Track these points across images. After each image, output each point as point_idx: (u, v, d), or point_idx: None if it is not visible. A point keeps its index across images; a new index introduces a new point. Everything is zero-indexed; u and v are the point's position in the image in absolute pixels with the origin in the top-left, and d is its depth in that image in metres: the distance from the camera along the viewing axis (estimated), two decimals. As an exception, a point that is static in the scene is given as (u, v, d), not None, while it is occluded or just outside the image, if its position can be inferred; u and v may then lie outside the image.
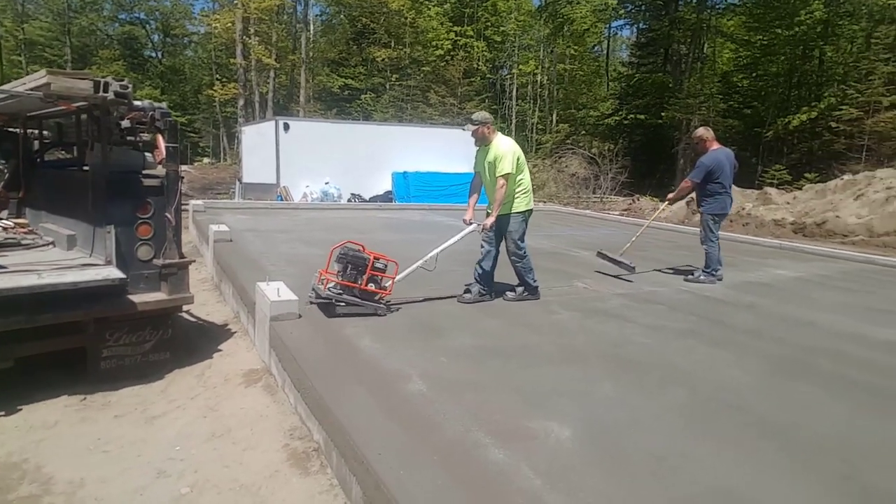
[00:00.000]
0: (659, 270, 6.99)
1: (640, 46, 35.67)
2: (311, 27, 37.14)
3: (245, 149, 19.49)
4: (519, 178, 4.87)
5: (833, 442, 2.70)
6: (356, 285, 4.28)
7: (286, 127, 15.89)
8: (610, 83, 38.91)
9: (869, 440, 2.74)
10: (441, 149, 18.11)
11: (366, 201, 16.36)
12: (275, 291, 4.15)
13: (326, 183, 15.96)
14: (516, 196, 4.88)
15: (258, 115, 31.33)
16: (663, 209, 8.47)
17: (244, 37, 30.69)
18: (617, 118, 31.83)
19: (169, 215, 3.95)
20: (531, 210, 5.03)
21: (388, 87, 32.16)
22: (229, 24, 30.24)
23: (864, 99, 20.74)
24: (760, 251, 9.45)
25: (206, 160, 39.79)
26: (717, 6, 32.33)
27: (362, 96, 31.67)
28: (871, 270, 7.95)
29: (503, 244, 5.04)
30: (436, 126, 23.94)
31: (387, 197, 16.84)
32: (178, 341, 4.16)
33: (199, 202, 11.76)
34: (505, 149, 4.78)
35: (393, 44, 32.85)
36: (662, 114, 28.46)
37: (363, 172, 16.72)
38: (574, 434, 2.64)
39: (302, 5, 35.48)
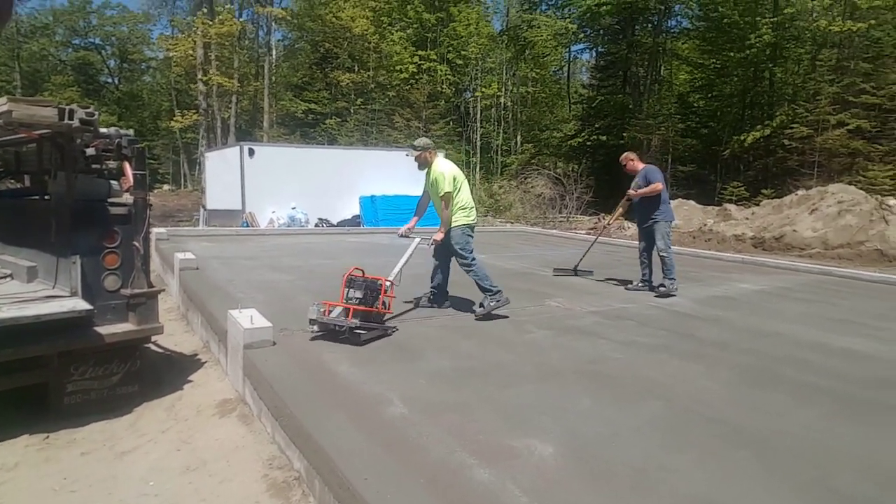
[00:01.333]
0: (626, 286, 7.13)
1: (600, 69, 36.79)
2: (274, 52, 37.12)
3: (209, 175, 19.16)
4: (457, 195, 5.23)
5: (804, 448, 2.80)
6: (374, 310, 4.38)
7: (251, 152, 15.74)
8: (572, 105, 39.95)
9: (836, 445, 2.85)
10: (408, 172, 18.00)
11: (333, 226, 16.25)
12: (248, 319, 4.07)
13: (293, 208, 15.81)
14: (455, 212, 5.23)
15: (220, 140, 30.95)
16: (619, 214, 8.25)
17: (204, 63, 30.45)
18: (580, 139, 32.63)
19: (137, 244, 3.87)
20: (472, 224, 5.35)
21: (352, 111, 32.24)
22: (189, 51, 29.98)
23: (812, 117, 21.83)
24: (723, 266, 9.77)
25: (166, 187, 38.94)
26: (672, 30, 33.82)
27: (327, 121, 31.62)
28: (828, 282, 8.31)
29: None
30: (402, 149, 24.08)
31: (355, 221, 16.78)
32: (146, 373, 4.03)
33: (163, 230, 11.49)
34: (441, 170, 5.19)
35: (356, 68, 33.04)
36: (624, 134, 29.33)
37: (330, 197, 16.65)
38: (556, 450, 2.66)
39: (264, 31, 35.53)
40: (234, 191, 15.75)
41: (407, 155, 5.52)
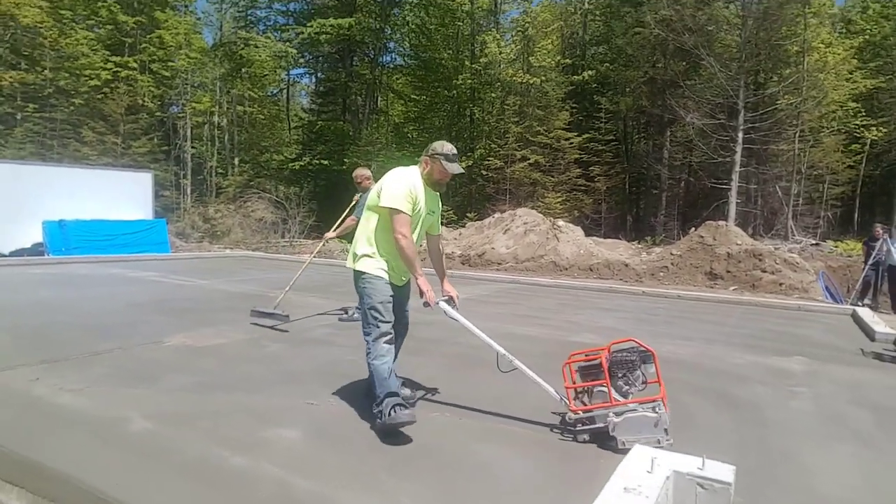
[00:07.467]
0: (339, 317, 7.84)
1: (321, 95, 37.81)
2: None
3: None
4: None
5: (498, 404, 3.75)
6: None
7: None
8: (292, 129, 40.14)
9: (519, 402, 3.87)
10: (107, 193, 16.13)
11: (6, 256, 13.32)
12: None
13: (-62, 236, 12.46)
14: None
15: None
16: (323, 242, 8.24)
17: None
18: (301, 164, 32.99)
19: None
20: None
21: (20, 118, 26.49)
22: None
23: (504, 152, 26.83)
24: (436, 281, 11.35)
25: None
26: (388, 66, 37.05)
27: (-20, 127, 25.32)
28: (518, 288, 10.55)
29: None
30: (97, 167, 20.96)
31: (36, 250, 14.05)
32: None
33: None
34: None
35: (24, 65, 27.30)
36: (345, 160, 30.81)
37: (-2, 222, 13.67)
38: (304, 433, 3.08)
39: None
40: None
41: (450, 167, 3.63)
